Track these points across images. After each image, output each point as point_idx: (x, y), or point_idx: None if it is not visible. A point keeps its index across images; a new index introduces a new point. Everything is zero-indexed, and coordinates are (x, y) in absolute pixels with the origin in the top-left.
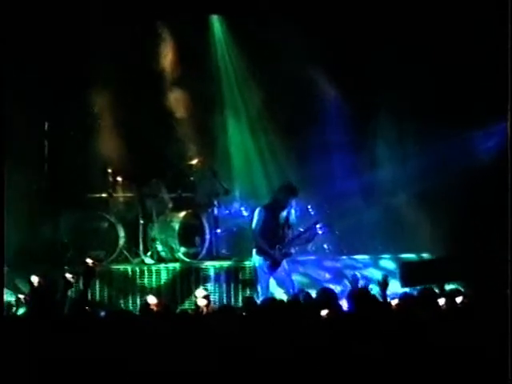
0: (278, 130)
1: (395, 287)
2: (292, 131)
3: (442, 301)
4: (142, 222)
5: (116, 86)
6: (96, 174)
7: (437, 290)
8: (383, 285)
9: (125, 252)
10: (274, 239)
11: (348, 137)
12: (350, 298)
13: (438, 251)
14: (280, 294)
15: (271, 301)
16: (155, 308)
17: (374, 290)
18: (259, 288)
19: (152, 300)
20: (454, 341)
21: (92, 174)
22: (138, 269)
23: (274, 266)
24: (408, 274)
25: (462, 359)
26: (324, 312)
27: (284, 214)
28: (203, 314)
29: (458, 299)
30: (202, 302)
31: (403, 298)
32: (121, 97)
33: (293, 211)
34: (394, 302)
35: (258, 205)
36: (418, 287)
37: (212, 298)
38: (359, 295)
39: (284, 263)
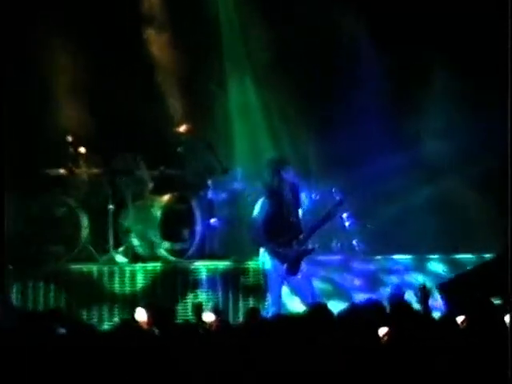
0: (292, 92)
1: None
2: (311, 93)
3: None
4: (112, 207)
5: (79, 27)
6: (52, 144)
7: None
8: (423, 296)
9: (89, 247)
10: (288, 233)
11: (385, 102)
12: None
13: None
14: (296, 305)
15: (285, 319)
16: (145, 326)
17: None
18: (269, 297)
19: (141, 315)
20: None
21: (47, 143)
22: (106, 269)
23: (293, 268)
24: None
25: None
26: (383, 331)
27: (288, 197)
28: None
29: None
30: (209, 318)
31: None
32: (85, 43)
33: (304, 195)
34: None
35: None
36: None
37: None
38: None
39: (302, 264)
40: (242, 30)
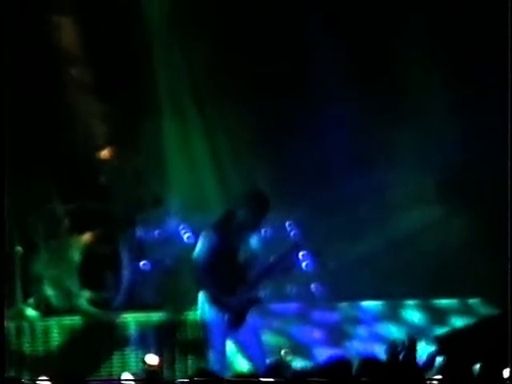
0: (239, 105)
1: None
2: (263, 105)
3: None
4: (19, 249)
5: None
6: None
7: None
8: (410, 350)
9: None
10: (233, 278)
11: (352, 113)
12: None
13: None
14: (242, 364)
15: None
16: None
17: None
18: (211, 355)
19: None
20: None
21: None
22: (13, 326)
23: (235, 321)
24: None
25: None
26: None
27: (237, 236)
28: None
29: None
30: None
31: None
32: None
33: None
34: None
35: (207, 223)
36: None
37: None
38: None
39: (248, 316)
40: (174, 31)
